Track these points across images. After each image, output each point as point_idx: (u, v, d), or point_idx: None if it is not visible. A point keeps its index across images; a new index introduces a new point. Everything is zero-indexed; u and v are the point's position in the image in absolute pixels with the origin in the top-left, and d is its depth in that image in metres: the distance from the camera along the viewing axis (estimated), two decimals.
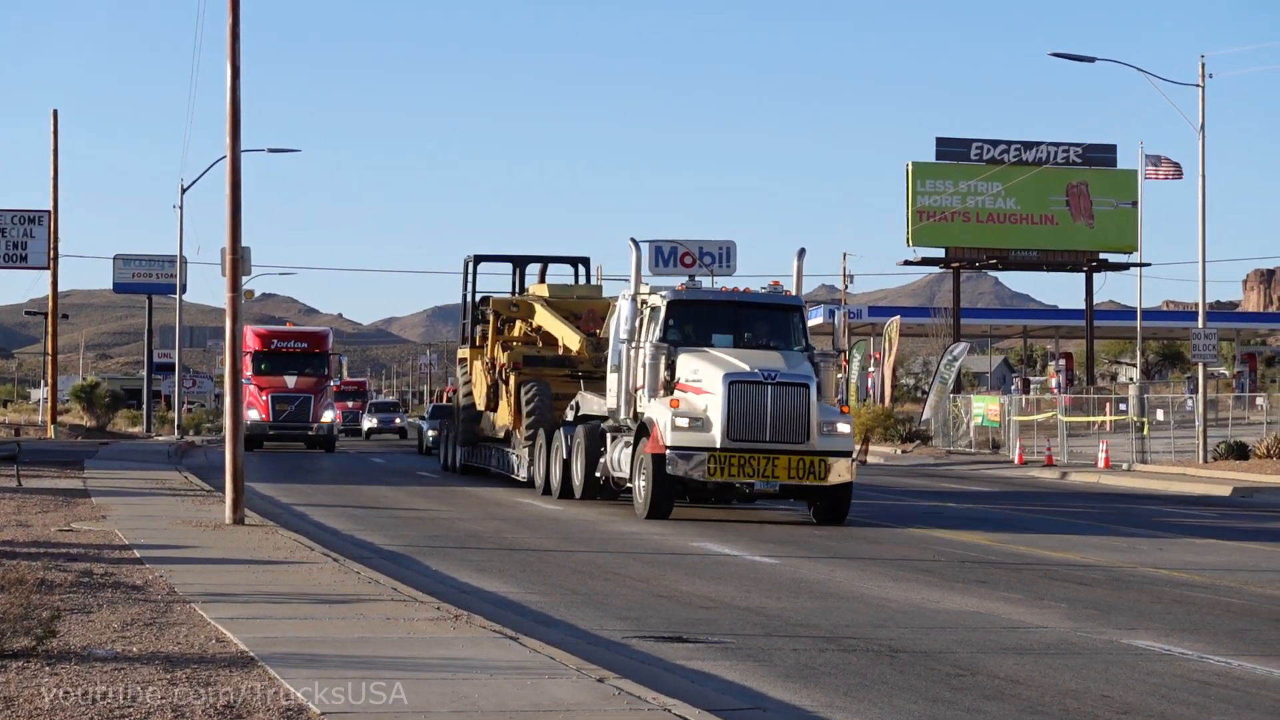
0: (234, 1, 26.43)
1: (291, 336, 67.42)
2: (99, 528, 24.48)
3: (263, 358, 64.69)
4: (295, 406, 63.70)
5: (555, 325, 39.86)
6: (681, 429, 28.92)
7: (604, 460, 32.73)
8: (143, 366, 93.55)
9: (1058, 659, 15.19)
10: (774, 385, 28.94)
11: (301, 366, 65.21)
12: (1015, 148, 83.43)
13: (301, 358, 65.58)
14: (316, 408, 64.19)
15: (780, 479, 28.95)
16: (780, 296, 31.74)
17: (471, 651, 13.74)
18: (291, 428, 63.74)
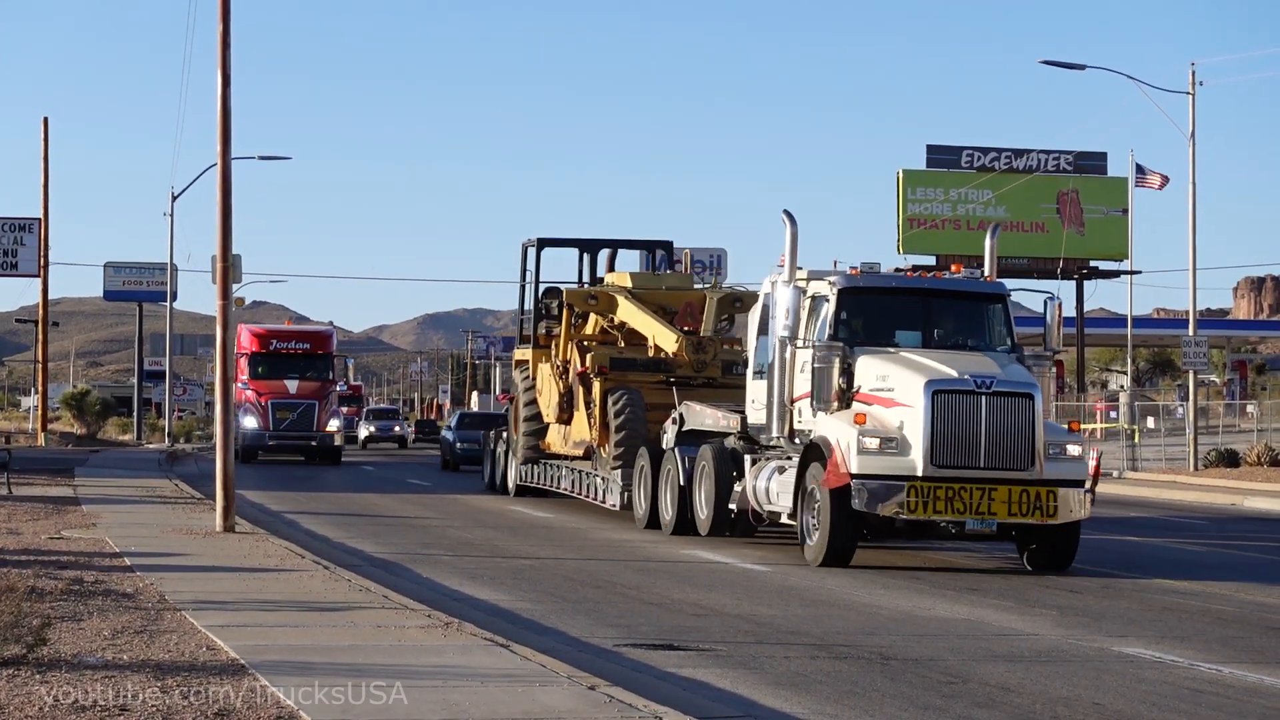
0: (225, 10, 26.45)
1: (292, 336, 61.31)
2: (89, 535, 24.45)
3: (260, 360, 58.94)
4: (298, 414, 57.50)
5: (645, 322, 33.13)
6: (870, 452, 22.73)
7: (741, 489, 26.49)
8: (133, 374, 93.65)
9: (1049, 666, 15.19)
10: (990, 396, 22.88)
11: (303, 369, 59.19)
12: (1006, 155, 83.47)
13: (303, 360, 59.54)
14: (321, 415, 57.92)
15: (998, 516, 22.75)
16: (981, 283, 26.11)
17: (462, 659, 13.73)
18: (293, 437, 57.86)
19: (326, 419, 58.19)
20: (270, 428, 57.07)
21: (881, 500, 22.60)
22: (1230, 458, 55.54)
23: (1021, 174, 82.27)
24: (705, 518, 27.49)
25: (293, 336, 61.27)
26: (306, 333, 63.08)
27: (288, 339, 60.72)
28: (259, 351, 59.12)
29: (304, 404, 57.68)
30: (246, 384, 57.41)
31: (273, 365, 58.87)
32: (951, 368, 23.22)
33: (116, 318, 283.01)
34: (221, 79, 26.46)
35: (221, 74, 26.45)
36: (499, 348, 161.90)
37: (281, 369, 58.84)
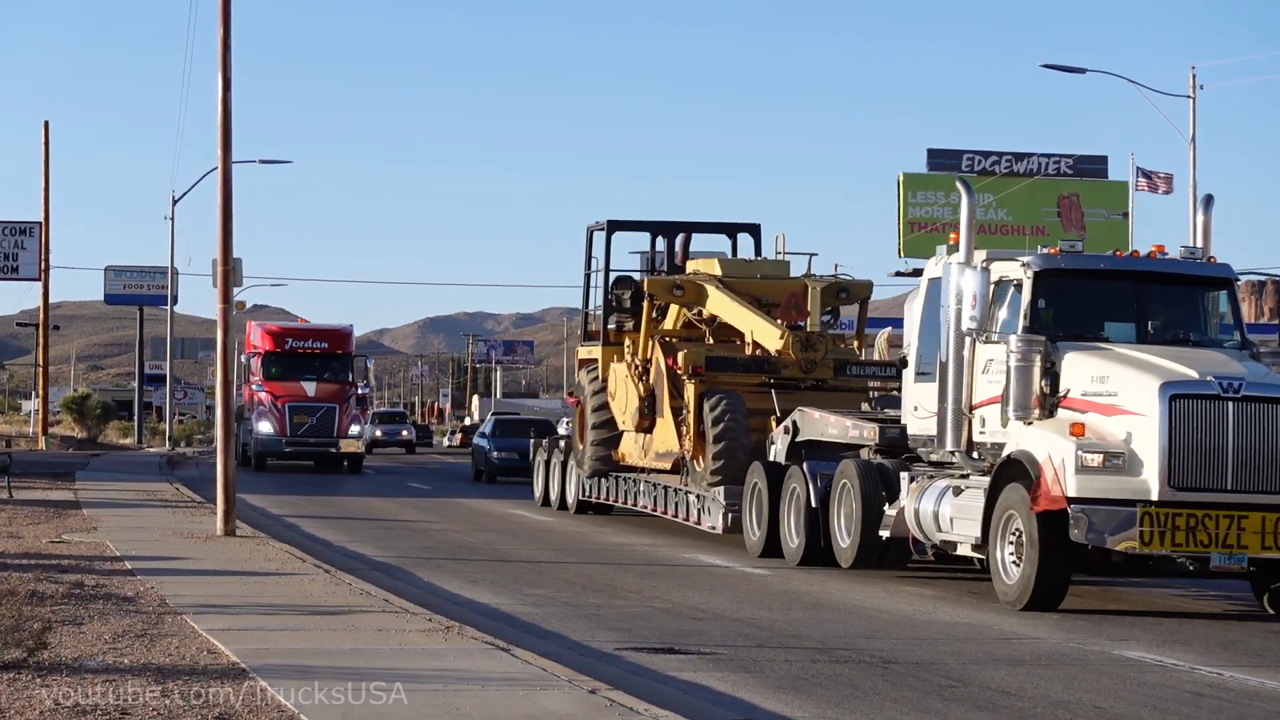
0: (225, 14, 26.46)
1: (309, 335, 56.44)
2: (90, 539, 24.46)
3: (275, 360, 54.60)
4: (317, 418, 53.09)
5: (740, 315, 29.03)
6: (1092, 470, 18.79)
7: (895, 512, 22.27)
8: (134, 378, 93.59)
9: (1050, 670, 15.19)
10: (1239, 401, 18.93)
11: (321, 370, 54.88)
12: (1006, 159, 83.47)
13: (321, 360, 55.25)
14: (342, 420, 53.34)
15: (1250, 549, 18.86)
16: (1205, 264, 21.52)
17: (463, 663, 13.73)
18: (312, 444, 53.44)
19: (347, 424, 53.63)
20: (287, 433, 52.72)
21: (1108, 530, 18.69)
22: None
23: (1022, 177, 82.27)
24: (848, 546, 23.19)
25: (310, 335, 56.46)
26: (325, 331, 57.28)
27: (304, 337, 56.14)
28: (274, 351, 54.76)
29: (323, 408, 53.24)
30: (260, 385, 53.83)
31: (288, 366, 54.45)
32: (1189, 367, 19.26)
33: (117, 321, 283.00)
34: (222, 83, 26.46)
35: (222, 78, 26.46)
36: (499, 351, 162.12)
37: (298, 370, 54.50)
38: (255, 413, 53.43)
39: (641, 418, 30.31)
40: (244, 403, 55.00)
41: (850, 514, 23.10)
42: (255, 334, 56.21)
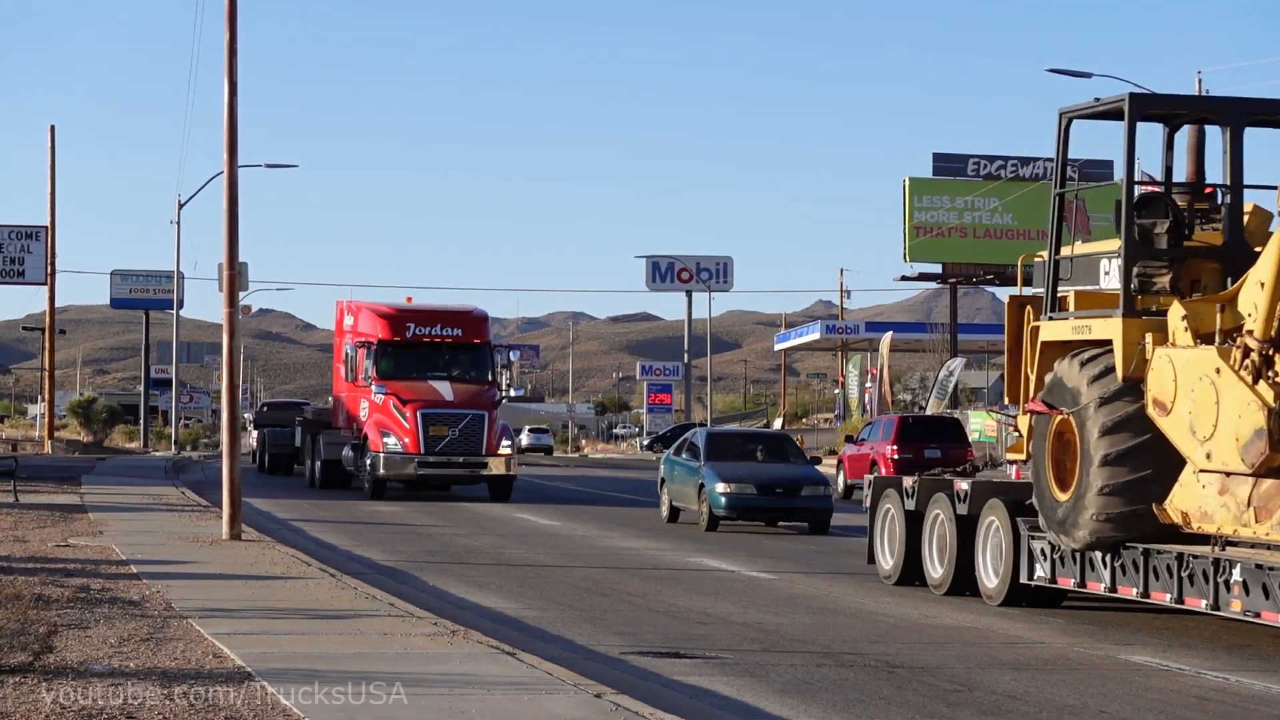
0: (232, 18, 26.48)
1: (438, 318, 42.82)
2: (96, 543, 24.47)
3: (395, 351, 41.81)
4: (460, 429, 40.20)
5: None
6: None
7: None
8: (140, 382, 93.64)
9: (1055, 674, 15.18)
10: None
11: (453, 365, 42.33)
12: (1012, 163, 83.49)
13: (455, 351, 42.47)
14: (490, 431, 40.41)
15: None
16: None
17: (469, 667, 13.73)
18: (457, 463, 40.39)
19: (498, 437, 40.56)
20: (421, 449, 39.73)
21: None
22: None
23: (1028, 182, 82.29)
24: None
25: (439, 319, 42.83)
26: (457, 314, 43.73)
27: (432, 321, 42.59)
28: (392, 340, 41.87)
29: (467, 415, 40.20)
30: (378, 386, 41.17)
31: (413, 359, 41.85)
32: None
33: (123, 325, 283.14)
34: (228, 87, 26.49)
35: (228, 82, 26.48)
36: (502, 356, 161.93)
37: (425, 365, 41.84)
38: (369, 421, 41.09)
39: (1269, 449, 16.87)
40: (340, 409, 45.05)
41: None
42: (362, 318, 43.35)
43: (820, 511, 31.90)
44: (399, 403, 40.32)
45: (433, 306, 44.42)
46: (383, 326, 42.02)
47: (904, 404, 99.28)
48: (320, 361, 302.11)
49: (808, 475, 32.36)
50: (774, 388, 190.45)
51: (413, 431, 39.89)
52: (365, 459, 40.67)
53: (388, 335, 41.81)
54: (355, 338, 43.18)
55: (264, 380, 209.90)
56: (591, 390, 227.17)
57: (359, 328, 43.25)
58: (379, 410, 40.79)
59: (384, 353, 41.63)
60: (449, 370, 42.04)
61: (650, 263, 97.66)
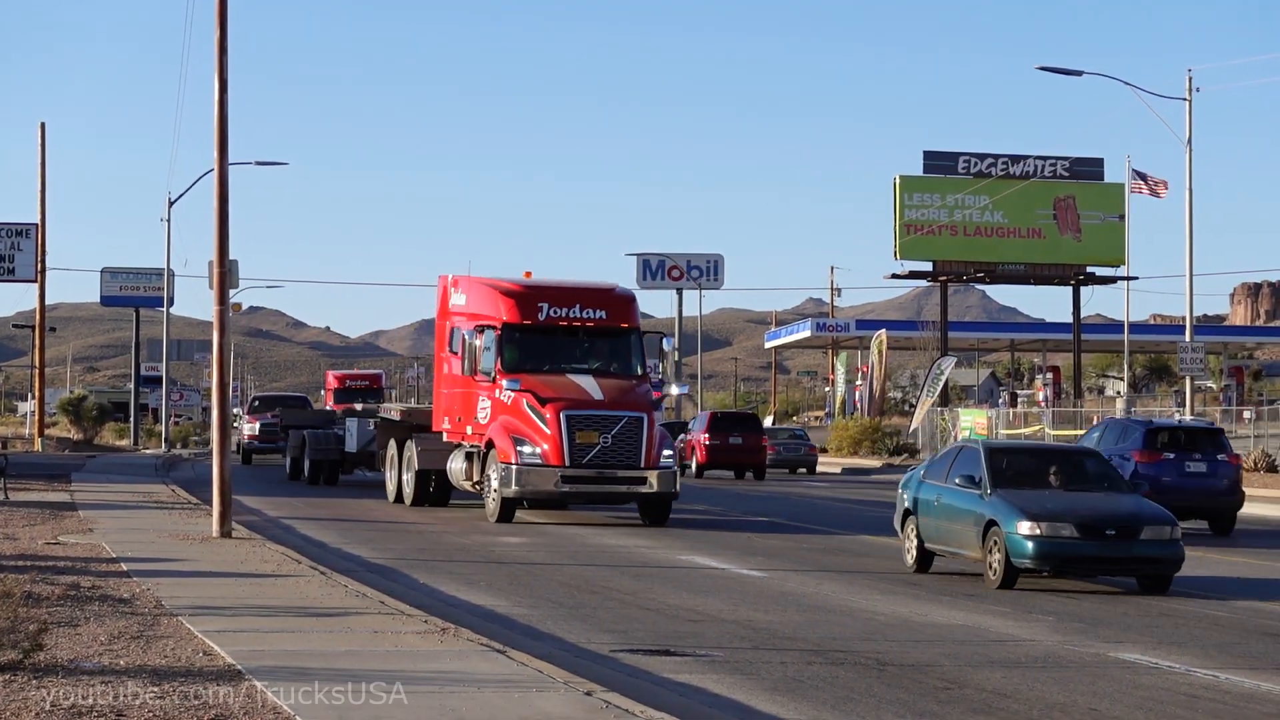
0: (222, 15, 26.46)
1: (576, 297, 34.30)
2: (86, 541, 24.45)
3: (521, 338, 33.63)
4: (614, 436, 31.98)
5: None
6: None
7: None
8: (130, 379, 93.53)
9: (1045, 672, 15.20)
10: None
11: (589, 355, 34.08)
12: (1003, 161, 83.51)
13: (597, 338, 34.17)
14: (650, 439, 32.16)
15: None
16: None
17: (459, 665, 13.73)
18: (609, 478, 32.11)
19: (658, 445, 32.39)
20: (567, 460, 31.70)
21: None
22: None
23: (1018, 180, 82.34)
24: None
25: (576, 297, 34.29)
26: (598, 291, 34.99)
27: (568, 300, 34.14)
28: (519, 324, 33.59)
29: (623, 418, 32.16)
30: (508, 382, 32.75)
31: (544, 349, 33.77)
32: None
33: (113, 323, 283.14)
34: (219, 85, 26.46)
35: (219, 80, 26.46)
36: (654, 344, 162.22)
37: (560, 354, 33.81)
38: (494, 425, 32.83)
39: None
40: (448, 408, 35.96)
41: None
42: (478, 295, 35.09)
43: (1167, 563, 22.75)
44: (536, 402, 31.88)
45: (569, 283, 35.30)
46: (508, 306, 33.55)
47: (895, 401, 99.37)
48: (311, 359, 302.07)
49: (1145, 511, 22.98)
50: (764, 385, 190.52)
51: (555, 438, 31.53)
52: (490, 472, 32.25)
53: (515, 318, 33.42)
54: (470, 320, 34.56)
55: (254, 378, 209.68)
56: None
57: (474, 308, 34.81)
58: (508, 411, 32.33)
59: (510, 339, 33.30)
60: (589, 361, 33.78)
61: (641, 260, 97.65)
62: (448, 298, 36.52)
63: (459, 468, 34.37)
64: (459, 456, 34.50)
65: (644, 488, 32.11)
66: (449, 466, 34.99)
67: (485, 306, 34.25)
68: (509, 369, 32.81)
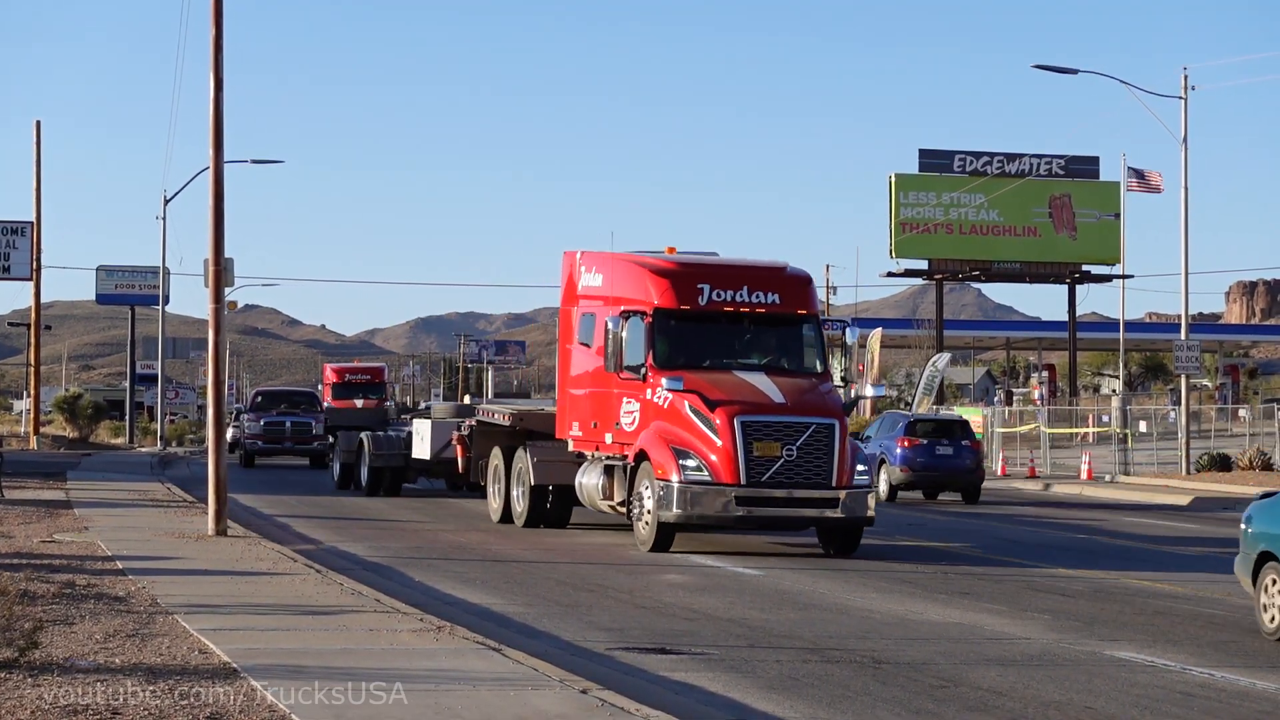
0: (217, 14, 26.44)
1: (743, 277, 27.74)
2: (82, 539, 24.44)
3: (677, 327, 27.31)
4: (799, 447, 25.73)
5: None
6: None
7: None
8: (125, 378, 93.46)
9: (1041, 670, 15.21)
10: None
11: (757, 349, 27.88)
12: (998, 159, 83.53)
13: (768, 328, 27.85)
14: (843, 452, 25.99)
15: None
16: None
17: (455, 663, 13.73)
18: (793, 501, 25.69)
19: (850, 459, 26.18)
20: (743, 477, 25.38)
21: None
22: (1222, 462, 55.61)
23: (1014, 178, 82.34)
24: None
25: (743, 278, 27.74)
26: (768, 271, 28.27)
27: (733, 281, 27.62)
28: (675, 309, 27.27)
29: (810, 426, 25.79)
30: (666, 378, 26.23)
31: (707, 341, 27.51)
32: None
33: (109, 321, 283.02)
34: (214, 82, 26.44)
35: (214, 77, 26.44)
36: (491, 351, 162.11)
37: (725, 348, 27.60)
38: (647, 433, 26.49)
39: None
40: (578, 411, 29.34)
41: None
42: (621, 275, 28.52)
43: None
44: (703, 405, 25.75)
45: (734, 261, 29.20)
46: (661, 288, 27.30)
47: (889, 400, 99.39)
48: (306, 357, 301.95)
49: None
50: None
51: (727, 450, 25.36)
52: (641, 490, 26.15)
53: (670, 302, 27.19)
54: (609, 306, 28.24)
55: (250, 376, 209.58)
56: None
57: (615, 290, 28.50)
58: (664, 416, 26.24)
59: (663, 328, 27.05)
60: (756, 355, 27.70)
61: None
62: (576, 278, 29.75)
63: (594, 484, 27.98)
64: (594, 470, 28.13)
65: (834, 511, 25.83)
66: (579, 482, 28.74)
67: (631, 288, 27.89)
68: (661, 365, 26.59)
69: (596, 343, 28.16)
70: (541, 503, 30.40)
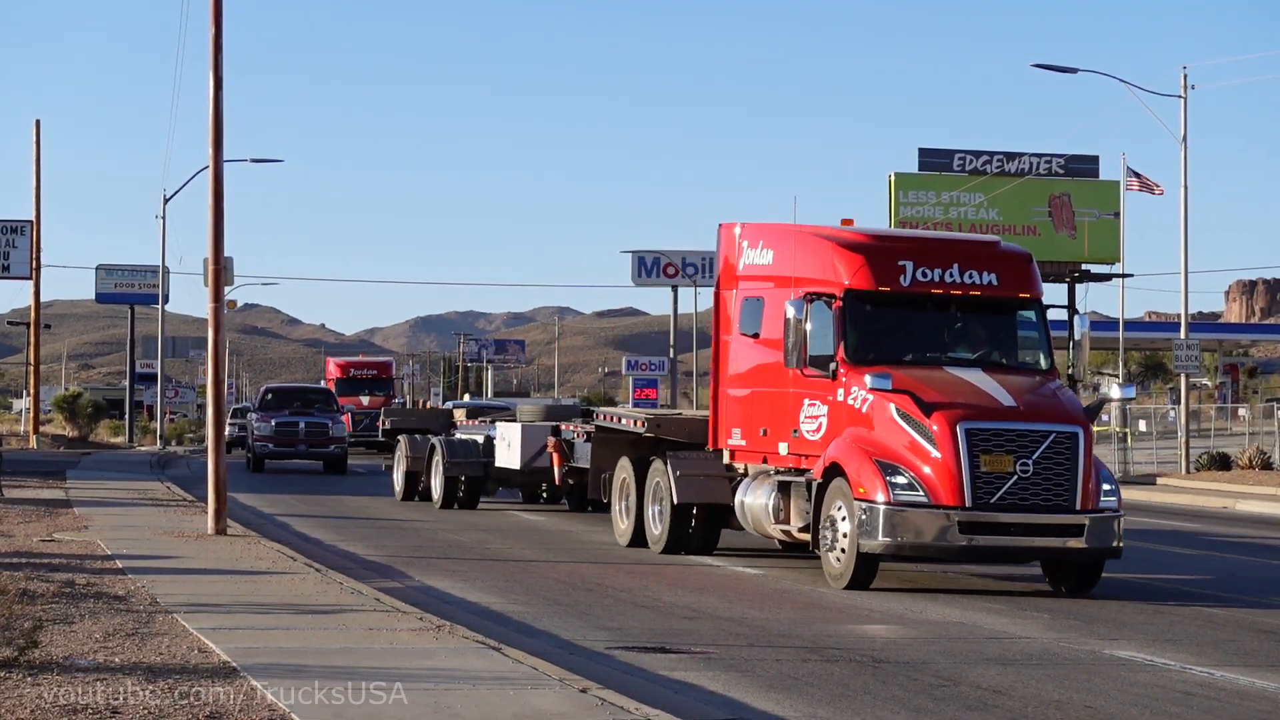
0: (217, 13, 26.44)
1: (954, 253, 23.32)
2: (81, 538, 24.44)
3: (878, 314, 22.67)
4: (1035, 461, 20.85)
5: None
6: None
7: None
8: (125, 377, 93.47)
9: (1040, 669, 15.20)
10: None
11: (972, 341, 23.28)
12: (998, 158, 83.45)
13: (982, 315, 23.17)
14: (1087, 467, 21.10)
15: None
16: None
17: (454, 662, 13.73)
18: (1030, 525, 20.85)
19: (1095, 480, 21.40)
20: (968, 498, 20.63)
21: None
22: (1222, 461, 55.65)
23: (1013, 177, 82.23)
24: None
25: (954, 253, 23.29)
26: (981, 247, 24.27)
27: (942, 258, 23.01)
28: (874, 291, 22.62)
29: (1050, 434, 21.10)
30: (871, 375, 21.43)
31: (912, 330, 23.05)
32: None
33: (108, 320, 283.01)
34: (213, 81, 26.44)
35: (213, 77, 26.43)
36: (490, 350, 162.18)
37: (934, 338, 23.16)
38: (841, 443, 21.61)
39: None
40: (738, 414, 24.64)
41: None
42: (796, 249, 23.80)
43: None
44: (915, 408, 20.90)
45: (938, 236, 27.08)
46: (852, 266, 22.52)
47: None
48: (306, 356, 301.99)
49: None
50: None
51: (948, 464, 20.61)
52: (833, 513, 21.27)
53: (865, 282, 22.42)
54: (783, 287, 23.55)
55: (249, 375, 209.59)
56: (577, 385, 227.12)
57: (790, 268, 23.75)
58: (863, 421, 21.55)
59: (857, 314, 22.34)
60: (966, 348, 23.12)
61: (636, 257, 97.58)
62: (736, 256, 25.14)
63: (761, 504, 23.28)
64: (761, 488, 23.43)
65: (1077, 540, 21.03)
66: (740, 501, 24.01)
67: (813, 266, 23.11)
68: (854, 359, 21.91)
69: (766, 333, 23.62)
70: (684, 524, 25.38)
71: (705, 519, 25.42)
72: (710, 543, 25.62)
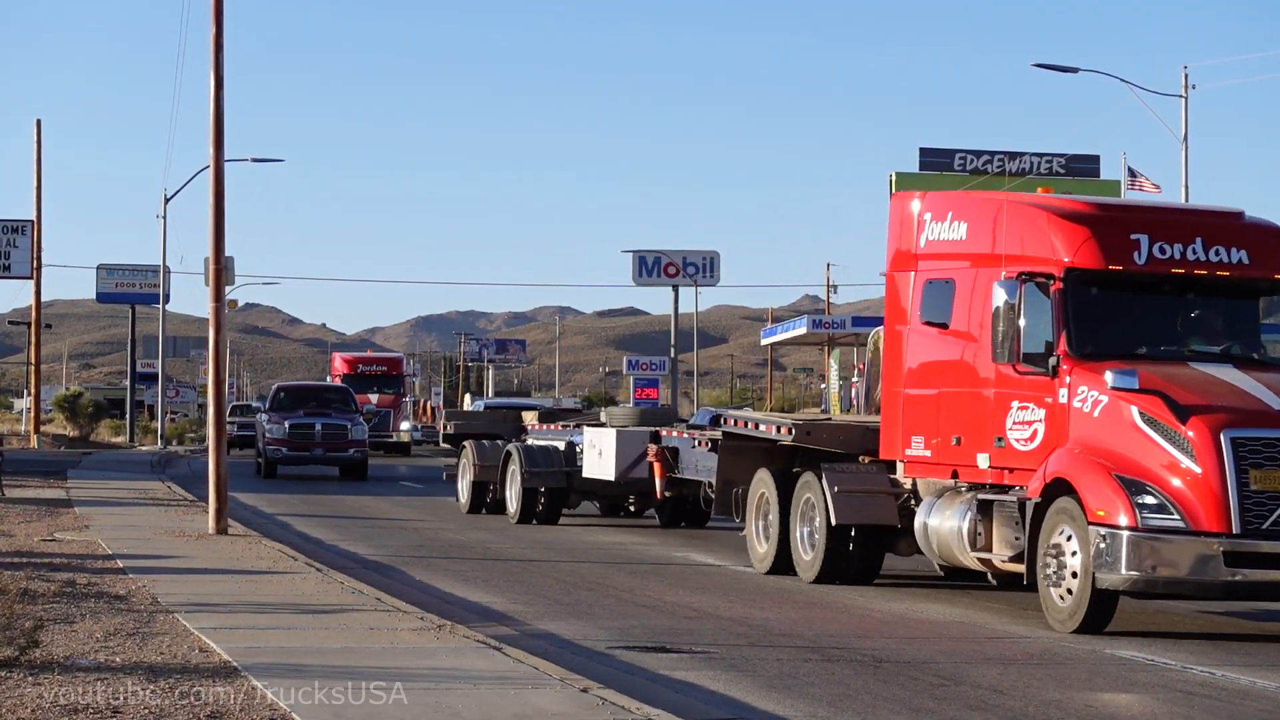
0: (217, 13, 26.44)
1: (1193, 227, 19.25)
2: (82, 538, 24.44)
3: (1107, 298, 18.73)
4: None
5: None
6: None
7: None
8: (126, 376, 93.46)
9: (1041, 669, 15.20)
10: None
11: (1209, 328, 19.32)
12: (999, 158, 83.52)
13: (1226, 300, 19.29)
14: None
15: None
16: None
17: (455, 661, 13.73)
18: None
19: None
20: (1235, 523, 16.62)
21: None
22: None
23: (1014, 177, 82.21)
24: None
25: (1195, 227, 19.22)
26: (1222, 219, 19.71)
27: (1181, 232, 18.96)
28: (1104, 270, 18.61)
29: None
30: (1114, 373, 17.43)
31: (1147, 318, 19.03)
32: None
33: (109, 320, 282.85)
34: (214, 81, 26.45)
35: (214, 76, 26.44)
36: (491, 350, 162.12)
37: (1174, 327, 19.21)
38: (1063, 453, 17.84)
39: None
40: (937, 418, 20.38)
41: None
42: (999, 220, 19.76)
43: None
44: (1167, 412, 17.17)
45: (1171, 205, 23.99)
46: (1074, 240, 18.78)
47: None
48: (307, 356, 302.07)
49: None
50: (760, 382, 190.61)
51: (1212, 483, 16.80)
52: (1059, 539, 17.62)
53: (1092, 260, 18.67)
54: (981, 266, 19.78)
55: (250, 374, 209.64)
56: (578, 385, 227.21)
57: (989, 244, 19.94)
58: (1094, 426, 17.78)
59: (1082, 299, 18.65)
60: (1207, 338, 19.34)
61: (636, 257, 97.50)
62: (916, 232, 21.23)
63: (953, 527, 19.47)
64: (952, 508, 19.63)
65: None
66: (924, 523, 20.11)
67: (1022, 241, 19.33)
68: (1079, 353, 18.22)
69: (957, 322, 19.90)
70: (841, 549, 21.59)
71: (867, 543, 21.64)
72: (872, 572, 21.98)
